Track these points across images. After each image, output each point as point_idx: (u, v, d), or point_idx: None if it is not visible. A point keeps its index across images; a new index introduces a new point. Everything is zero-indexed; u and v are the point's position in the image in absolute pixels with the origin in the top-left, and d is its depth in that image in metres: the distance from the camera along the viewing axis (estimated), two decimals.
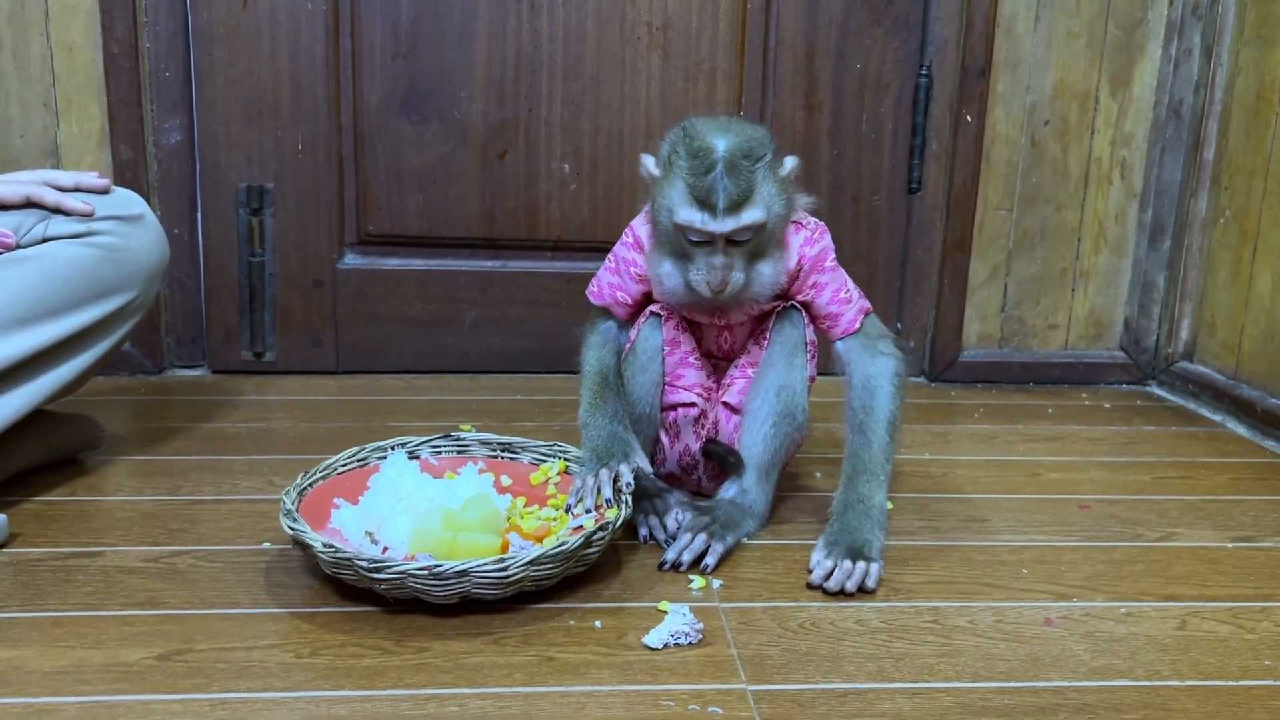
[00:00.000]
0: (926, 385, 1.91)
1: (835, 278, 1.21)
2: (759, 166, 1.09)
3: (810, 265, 1.19)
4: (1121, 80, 1.85)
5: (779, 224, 1.13)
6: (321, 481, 1.15)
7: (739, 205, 1.08)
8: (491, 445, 1.27)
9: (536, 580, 1.00)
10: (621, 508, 1.08)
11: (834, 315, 1.21)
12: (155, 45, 1.69)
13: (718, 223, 1.08)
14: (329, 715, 0.84)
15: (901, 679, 0.92)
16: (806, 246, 1.19)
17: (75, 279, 1.21)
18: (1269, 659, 0.98)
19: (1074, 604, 1.07)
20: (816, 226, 1.21)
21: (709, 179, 1.07)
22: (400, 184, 1.79)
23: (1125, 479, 1.45)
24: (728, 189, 1.07)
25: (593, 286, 1.27)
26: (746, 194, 1.08)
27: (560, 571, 1.01)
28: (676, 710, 0.86)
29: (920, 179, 1.86)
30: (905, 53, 1.82)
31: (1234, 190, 1.77)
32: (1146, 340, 1.94)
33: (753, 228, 1.09)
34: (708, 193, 1.07)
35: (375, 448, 1.24)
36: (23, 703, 0.84)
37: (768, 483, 1.22)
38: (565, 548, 0.99)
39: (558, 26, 1.76)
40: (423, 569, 0.95)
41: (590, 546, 1.02)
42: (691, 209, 1.08)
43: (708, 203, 1.08)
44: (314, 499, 1.12)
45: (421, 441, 1.26)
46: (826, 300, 1.21)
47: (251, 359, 1.82)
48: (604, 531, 1.03)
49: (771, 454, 1.20)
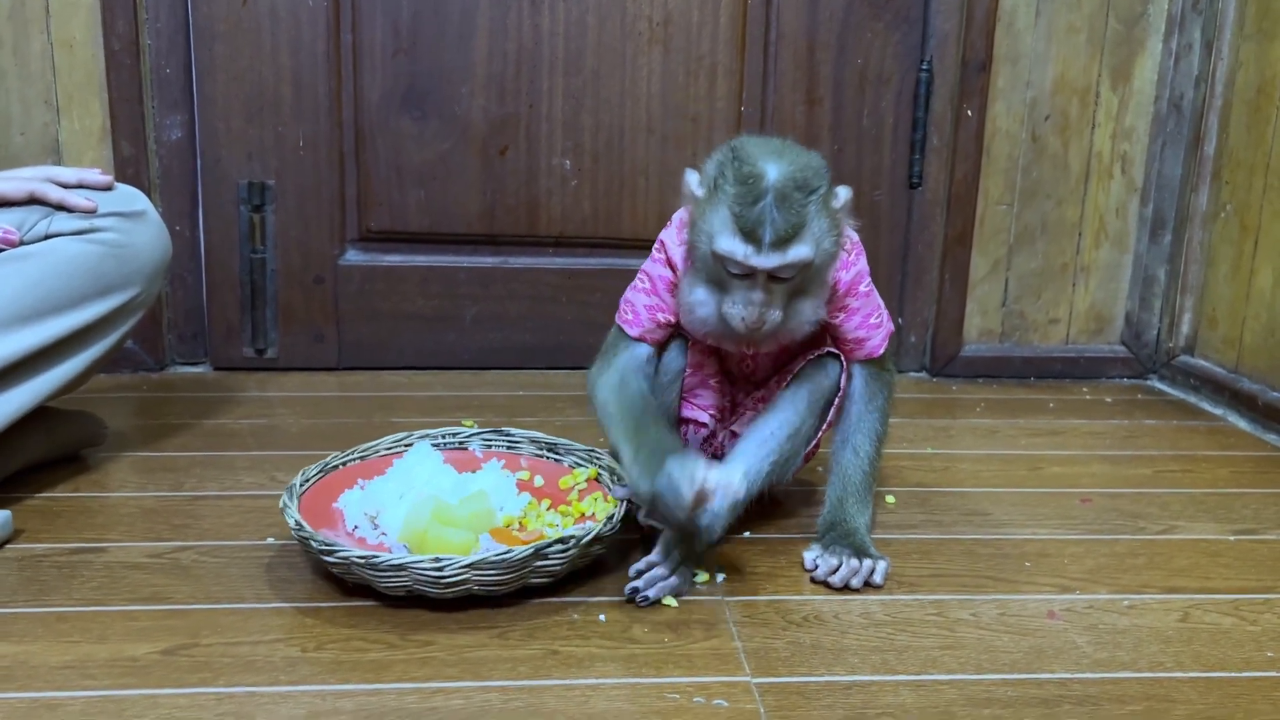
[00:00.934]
0: (928, 380, 1.92)
1: (868, 303, 1.15)
2: (811, 200, 1.01)
3: (845, 289, 1.13)
4: (1122, 75, 1.85)
5: (827, 260, 1.05)
6: (357, 462, 1.19)
7: (787, 241, 0.99)
8: (539, 444, 1.27)
9: (483, 584, 0.97)
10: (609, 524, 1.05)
11: (860, 340, 1.16)
12: (156, 41, 1.69)
13: (762, 257, 0.99)
14: (334, 709, 0.84)
15: (905, 671, 0.92)
16: (842, 271, 1.12)
17: (78, 276, 1.21)
18: (1271, 650, 0.98)
19: (1077, 596, 1.08)
20: (854, 248, 1.14)
21: (757, 209, 0.99)
22: (401, 180, 1.79)
23: (1127, 472, 1.46)
24: (775, 222, 0.98)
25: (624, 313, 1.17)
26: (796, 229, 0.99)
27: (512, 578, 0.98)
28: (681, 703, 0.86)
29: (921, 174, 1.86)
30: (906, 47, 1.82)
31: (1235, 185, 1.77)
32: (1147, 334, 1.94)
33: (799, 265, 1.01)
34: (754, 224, 0.99)
35: (422, 435, 1.25)
36: (29, 697, 0.84)
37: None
38: (509, 556, 0.97)
39: (558, 22, 1.76)
40: (361, 559, 0.96)
41: (546, 558, 0.99)
42: (735, 239, 1.00)
43: (753, 235, 0.99)
44: (330, 483, 1.15)
45: (472, 433, 1.27)
46: (855, 325, 1.15)
47: (253, 355, 1.82)
48: (563, 544, 0.99)
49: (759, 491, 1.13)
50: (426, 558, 0.96)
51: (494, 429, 1.29)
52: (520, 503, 1.15)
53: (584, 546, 1.01)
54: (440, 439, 1.26)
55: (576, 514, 1.13)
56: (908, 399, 1.79)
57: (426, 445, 1.23)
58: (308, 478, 1.14)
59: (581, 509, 1.13)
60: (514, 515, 1.13)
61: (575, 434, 1.43)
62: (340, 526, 1.11)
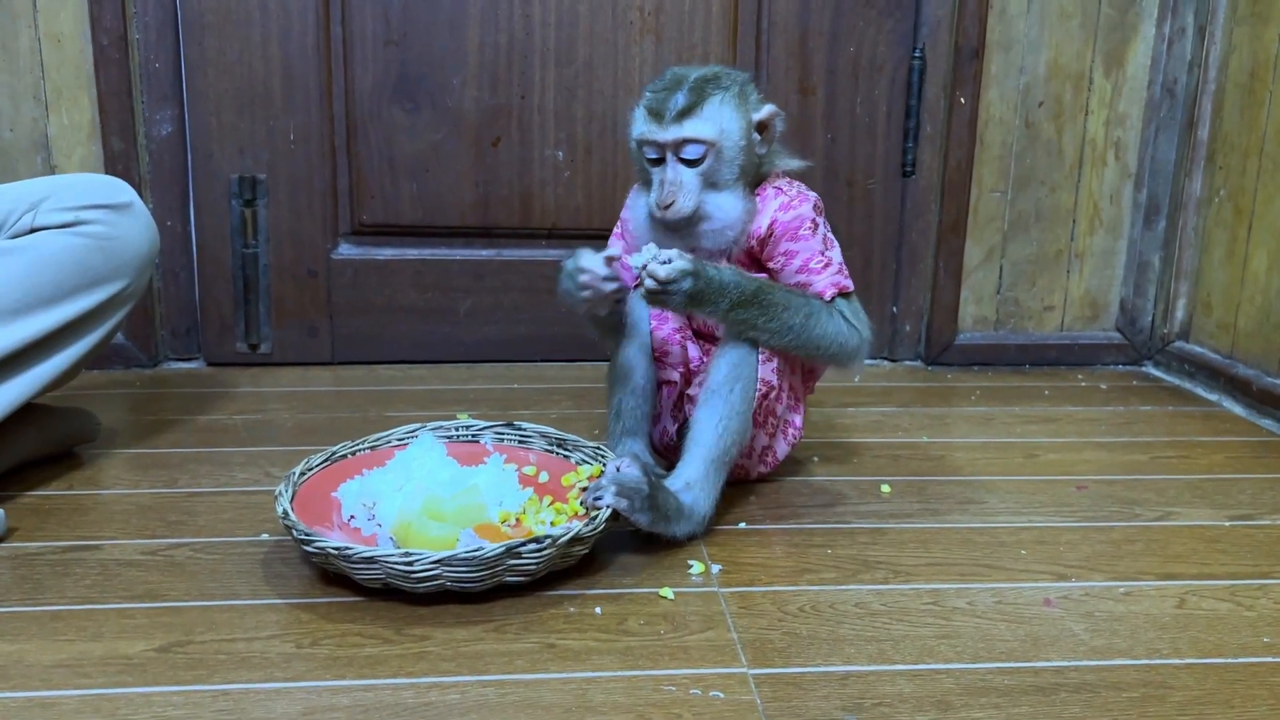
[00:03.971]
0: (923, 369, 1.91)
1: (808, 247, 1.17)
2: (718, 90, 1.14)
3: (782, 231, 1.17)
4: (1115, 60, 1.84)
5: (737, 154, 1.15)
6: (367, 452, 1.21)
7: (685, 114, 1.12)
8: (550, 439, 1.26)
9: (456, 581, 0.97)
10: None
11: (801, 284, 1.17)
12: (145, 35, 1.68)
13: (662, 130, 1.13)
14: (330, 705, 0.84)
15: (902, 661, 0.92)
16: (781, 211, 1.17)
17: (65, 269, 1.21)
18: (1268, 636, 0.98)
19: (1073, 584, 1.08)
20: (799, 194, 1.18)
21: (664, 93, 1.14)
22: (393, 172, 1.79)
23: (1122, 459, 1.46)
24: (677, 101, 1.12)
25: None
26: (694, 105, 1.12)
27: (485, 575, 0.97)
28: (678, 695, 0.86)
29: (914, 162, 1.86)
30: (898, 34, 1.82)
31: (1228, 169, 1.76)
32: (1142, 320, 1.94)
33: (700, 142, 1.12)
34: (659, 104, 1.13)
35: (435, 426, 1.26)
36: (23, 696, 0.84)
37: (710, 483, 1.15)
38: (479, 553, 0.96)
39: (550, 12, 1.76)
40: (335, 549, 0.96)
41: (520, 557, 0.98)
42: (644, 120, 1.15)
43: (657, 113, 1.13)
44: (334, 471, 1.16)
45: (485, 427, 1.28)
46: (796, 269, 1.17)
47: (247, 350, 1.81)
48: (537, 544, 0.98)
49: (721, 450, 1.14)
50: (398, 551, 0.96)
51: (506, 422, 1.28)
52: (521, 498, 1.14)
53: (562, 547, 1.00)
54: (453, 431, 1.27)
55: (571, 512, 1.12)
56: (903, 387, 1.79)
57: (430, 437, 1.22)
58: (310, 466, 1.14)
59: (576, 508, 1.12)
60: (512, 511, 1.12)
61: (572, 426, 1.43)
62: (335, 516, 1.10)
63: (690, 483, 1.13)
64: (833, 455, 1.43)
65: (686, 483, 1.13)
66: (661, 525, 1.09)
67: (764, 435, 1.24)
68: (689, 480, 1.13)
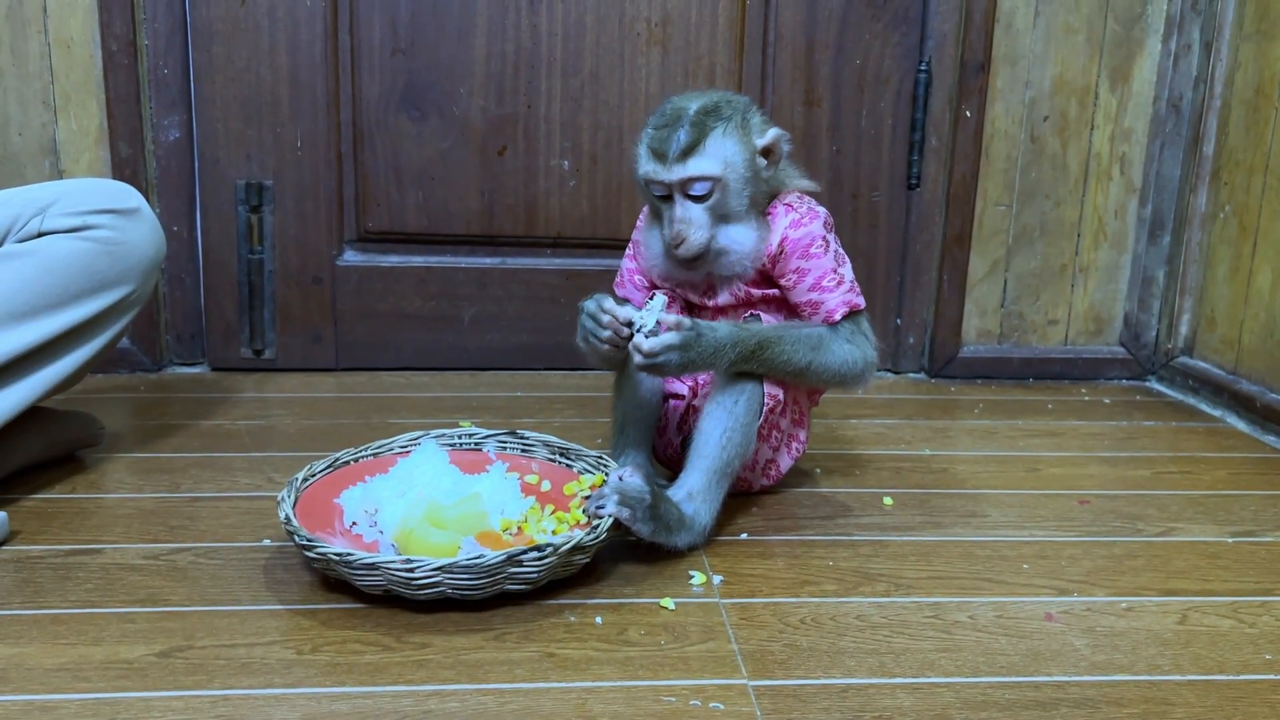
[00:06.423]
0: (926, 381, 1.91)
1: (820, 265, 1.17)
2: (719, 122, 1.12)
3: (793, 248, 1.17)
4: (1121, 75, 1.85)
5: (744, 185, 1.14)
6: (370, 458, 1.21)
7: (688, 153, 1.11)
8: (552, 448, 1.27)
9: (457, 589, 0.97)
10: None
11: (814, 303, 1.18)
12: (154, 42, 1.69)
13: (667, 170, 1.12)
14: (330, 712, 0.84)
15: (902, 674, 0.92)
16: (791, 229, 1.17)
17: (72, 273, 1.21)
18: (1270, 653, 0.98)
19: (1074, 599, 1.07)
20: (809, 211, 1.18)
21: (665, 131, 1.13)
22: (399, 180, 1.79)
23: (1125, 474, 1.45)
24: (679, 139, 1.11)
25: (617, 278, 1.30)
26: (697, 142, 1.11)
27: (487, 583, 0.97)
28: (678, 706, 0.86)
29: (919, 174, 1.86)
30: (904, 48, 1.82)
31: (1233, 185, 1.76)
32: (1146, 335, 1.94)
33: (705, 179, 1.12)
34: (661, 143, 1.12)
35: (438, 434, 1.26)
36: (24, 700, 0.84)
37: (712, 494, 1.15)
38: (481, 561, 0.96)
39: (557, 22, 1.76)
40: (337, 555, 0.97)
41: (521, 565, 0.98)
42: (648, 160, 1.14)
43: (660, 153, 1.12)
44: (337, 478, 1.17)
45: (488, 435, 1.28)
46: (808, 287, 1.18)
47: (251, 356, 1.82)
48: (539, 552, 0.98)
49: (724, 462, 1.14)
50: (400, 558, 0.96)
51: (508, 430, 1.29)
52: (523, 506, 1.14)
53: (563, 555, 1.00)
54: (456, 439, 1.27)
55: (573, 521, 1.12)
56: (906, 400, 1.79)
57: (432, 444, 1.23)
58: (313, 472, 1.14)
59: (578, 517, 1.12)
60: (513, 519, 1.12)
61: (574, 435, 1.44)
62: (337, 522, 1.11)
63: (692, 493, 1.13)
64: (835, 467, 1.43)
65: (689, 493, 1.13)
66: (663, 535, 1.09)
67: (768, 449, 1.24)
68: (691, 490, 1.14)
